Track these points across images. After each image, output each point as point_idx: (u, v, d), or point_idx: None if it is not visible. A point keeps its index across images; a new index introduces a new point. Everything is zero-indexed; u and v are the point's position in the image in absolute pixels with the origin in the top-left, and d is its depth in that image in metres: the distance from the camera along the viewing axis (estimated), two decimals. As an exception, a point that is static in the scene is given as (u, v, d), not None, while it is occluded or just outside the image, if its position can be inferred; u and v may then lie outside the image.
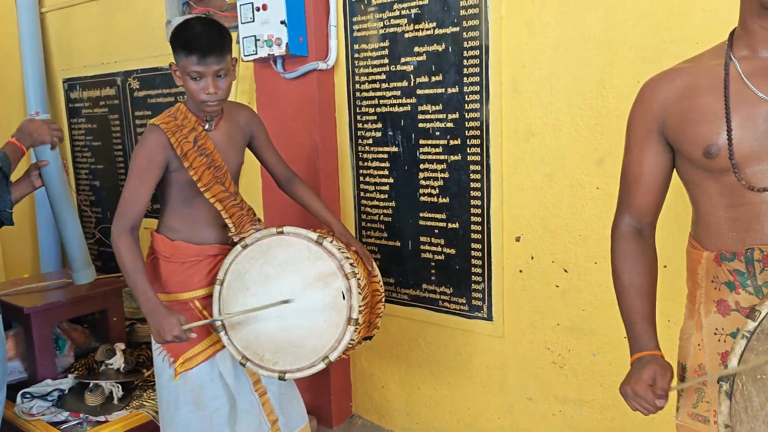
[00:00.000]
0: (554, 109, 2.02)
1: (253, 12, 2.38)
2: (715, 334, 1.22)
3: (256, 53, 2.40)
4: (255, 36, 2.39)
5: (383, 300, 2.03)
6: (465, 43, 2.16)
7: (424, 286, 2.42)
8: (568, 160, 2.01)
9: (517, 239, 2.16)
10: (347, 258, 1.79)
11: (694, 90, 1.21)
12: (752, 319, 1.06)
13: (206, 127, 1.82)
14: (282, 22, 2.33)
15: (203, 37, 1.69)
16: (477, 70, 2.15)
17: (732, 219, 1.19)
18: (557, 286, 2.11)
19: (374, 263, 1.99)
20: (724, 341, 1.20)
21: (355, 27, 2.43)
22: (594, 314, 2.03)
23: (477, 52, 2.14)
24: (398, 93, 2.35)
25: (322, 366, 1.75)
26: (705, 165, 1.19)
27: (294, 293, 1.78)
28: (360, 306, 1.75)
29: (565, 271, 2.08)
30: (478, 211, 2.22)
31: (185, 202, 1.86)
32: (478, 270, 2.26)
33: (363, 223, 2.55)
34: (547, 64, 2.01)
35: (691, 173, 1.25)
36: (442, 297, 2.37)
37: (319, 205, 2.04)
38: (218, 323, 1.81)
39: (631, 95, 1.35)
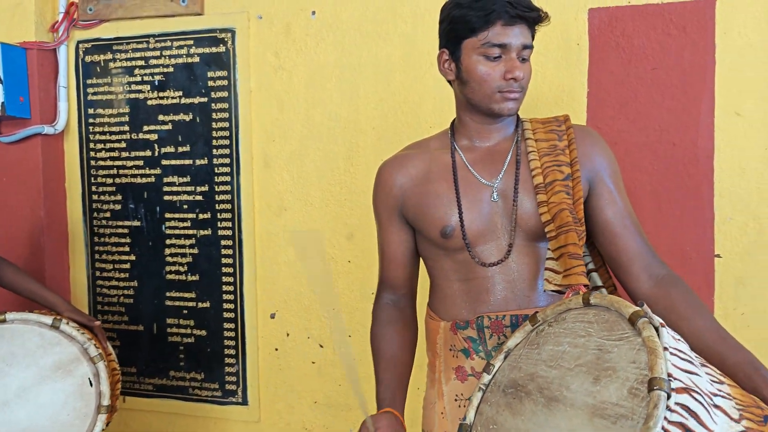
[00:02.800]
0: (305, 184, 2.03)
1: (-41, 65, 2.03)
2: (456, 400, 1.29)
3: (-38, 112, 2.04)
4: (-39, 92, 2.04)
5: (120, 380, 1.87)
6: (214, 114, 2.09)
7: (172, 373, 2.20)
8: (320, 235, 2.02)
9: (272, 316, 2.09)
10: (89, 339, 1.62)
11: (428, 176, 1.32)
12: (487, 372, 1.14)
13: None
14: (-3, 79, 2.03)
15: None
16: (227, 142, 2.08)
17: (465, 291, 1.29)
18: (313, 363, 2.07)
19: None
20: (465, 407, 1.27)
21: (90, 90, 2.21)
22: (350, 388, 2.02)
23: (227, 124, 2.08)
24: (141, 163, 2.18)
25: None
26: (442, 244, 1.29)
27: (25, 391, 1.49)
28: (109, 391, 1.59)
29: (321, 346, 2.06)
30: (231, 288, 2.11)
31: None
32: (232, 351, 2.13)
33: (99, 306, 2.26)
34: (298, 140, 2.03)
35: (428, 250, 1.35)
36: (193, 384, 2.18)
37: (33, 284, 1.79)
38: None
39: (375, 172, 1.41)
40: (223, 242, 2.11)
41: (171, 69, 2.12)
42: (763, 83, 1.65)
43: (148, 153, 2.17)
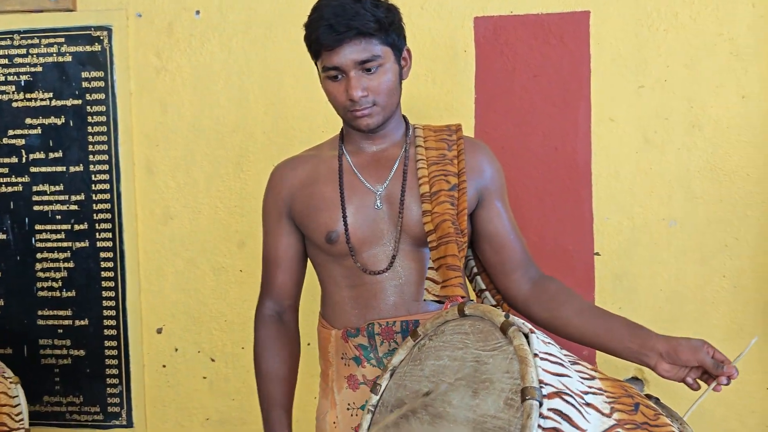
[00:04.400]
0: (192, 191, 1.94)
1: None
2: (348, 409, 1.28)
3: None
4: None
5: None
6: (90, 117, 1.95)
7: (46, 398, 2.02)
8: (209, 244, 1.94)
9: (159, 331, 1.98)
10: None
11: (315, 179, 1.31)
12: (375, 392, 1.13)
13: None
14: None
15: None
16: (105, 147, 1.95)
17: (354, 298, 1.28)
18: (204, 378, 1.98)
19: None
20: (357, 415, 1.26)
21: (-56, 90, 2.00)
22: (244, 402, 1.96)
23: (104, 128, 1.94)
24: (6, 170, 1.99)
25: None
26: (328, 249, 1.28)
27: None
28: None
29: (212, 360, 1.97)
30: (112, 303, 1.98)
31: None
32: (114, 371, 1.99)
33: (-41, 330, 2.04)
34: (183, 144, 1.93)
35: (318, 256, 1.33)
36: (71, 409, 2.01)
37: None
38: None
39: (266, 178, 1.39)
40: (102, 254, 1.97)
41: (39, 68, 1.96)
42: (634, 91, 1.77)
43: (15, 160, 1.98)
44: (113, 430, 2.00)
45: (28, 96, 1.97)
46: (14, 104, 1.97)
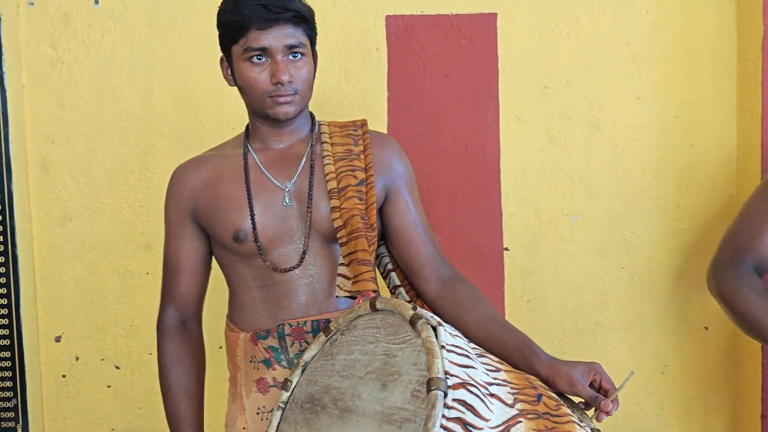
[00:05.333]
0: (93, 190, 1.84)
1: None
2: (258, 413, 1.26)
3: None
4: None
5: None
6: (-24, 111, 1.80)
7: (-71, 416, 1.86)
8: (113, 246, 1.85)
9: (58, 339, 1.87)
10: None
11: (220, 178, 1.28)
12: (286, 389, 1.12)
13: None
14: None
15: None
16: (-6, 144, 1.81)
17: (264, 298, 1.26)
18: (109, 386, 1.88)
19: None
20: (267, 419, 1.24)
21: None
22: (152, 410, 1.88)
23: (-7, 124, 1.81)
24: None
25: None
26: (236, 249, 1.25)
27: None
28: None
29: (117, 367, 1.88)
30: (4, 311, 1.84)
31: None
32: (8, 384, 1.86)
33: None
34: (83, 141, 1.83)
35: (225, 257, 1.30)
36: (-43, 426, 1.86)
37: None
38: None
39: (174, 177, 1.33)
40: (-8, 259, 1.84)
41: None
42: (539, 91, 1.84)
43: None
44: (7, 446, 1.87)
45: None
46: None
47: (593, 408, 1.10)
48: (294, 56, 1.20)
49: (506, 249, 1.87)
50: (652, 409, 1.91)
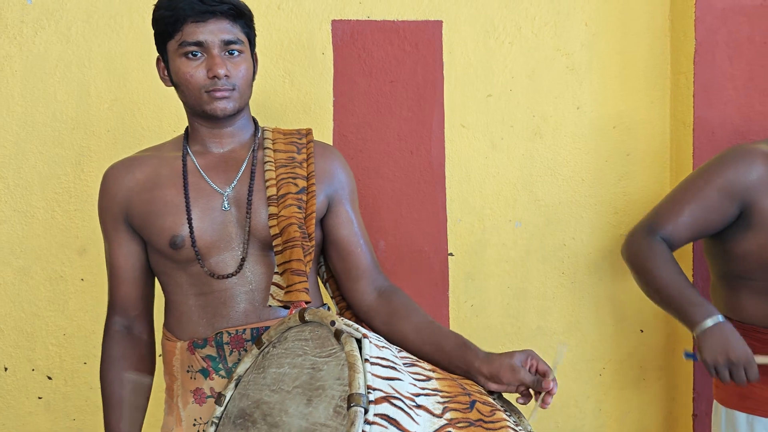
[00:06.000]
0: (24, 193, 1.76)
1: None
2: (195, 425, 1.23)
3: None
4: None
5: None
6: None
7: None
8: (45, 251, 1.77)
9: (-16, 349, 1.77)
10: None
11: (157, 181, 1.24)
12: (219, 404, 1.10)
13: None
14: None
15: None
16: None
17: (202, 306, 1.23)
18: (40, 398, 1.80)
19: None
20: (204, 431, 1.20)
21: None
22: (86, 421, 1.81)
23: None
24: None
25: None
26: (172, 255, 1.22)
27: None
28: None
29: (49, 378, 1.80)
30: (-75, 320, 1.74)
31: None
32: (-72, 397, 1.75)
33: None
34: (13, 142, 1.75)
35: (161, 264, 1.26)
36: None
37: None
38: None
39: (110, 181, 1.28)
40: None
41: None
42: (483, 99, 1.86)
43: None
44: (-73, 464, 1.77)
45: None
46: None
47: (535, 401, 1.11)
48: (231, 53, 1.19)
49: (451, 254, 1.88)
50: (591, 411, 1.95)
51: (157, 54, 1.26)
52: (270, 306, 1.18)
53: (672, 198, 1.58)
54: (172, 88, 1.26)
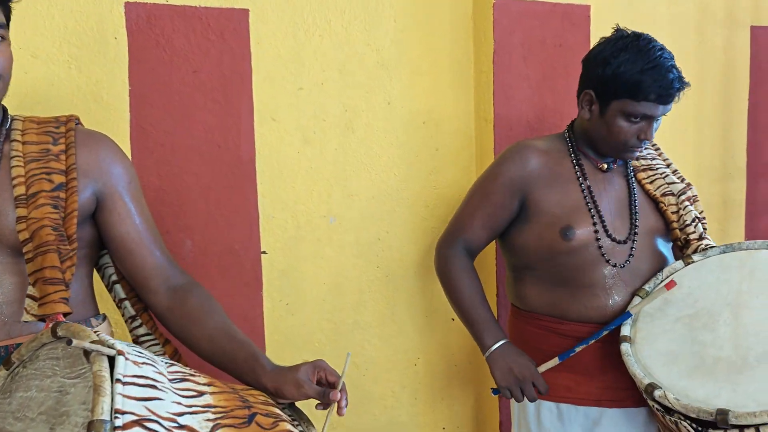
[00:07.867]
0: None
1: None
2: None
3: None
4: None
5: None
6: None
7: None
8: None
9: None
10: None
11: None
12: None
13: None
14: None
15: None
16: None
17: None
18: None
19: None
20: None
21: None
22: None
23: None
24: None
25: None
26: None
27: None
28: None
29: None
30: None
31: None
32: None
33: None
34: None
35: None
36: None
37: None
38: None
39: None
40: None
41: None
42: (293, 92, 1.82)
43: None
44: None
45: None
46: None
47: (328, 410, 1.09)
48: None
49: (264, 252, 1.82)
50: (407, 400, 2.00)
51: None
52: (26, 321, 1.04)
53: (466, 202, 1.68)
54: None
